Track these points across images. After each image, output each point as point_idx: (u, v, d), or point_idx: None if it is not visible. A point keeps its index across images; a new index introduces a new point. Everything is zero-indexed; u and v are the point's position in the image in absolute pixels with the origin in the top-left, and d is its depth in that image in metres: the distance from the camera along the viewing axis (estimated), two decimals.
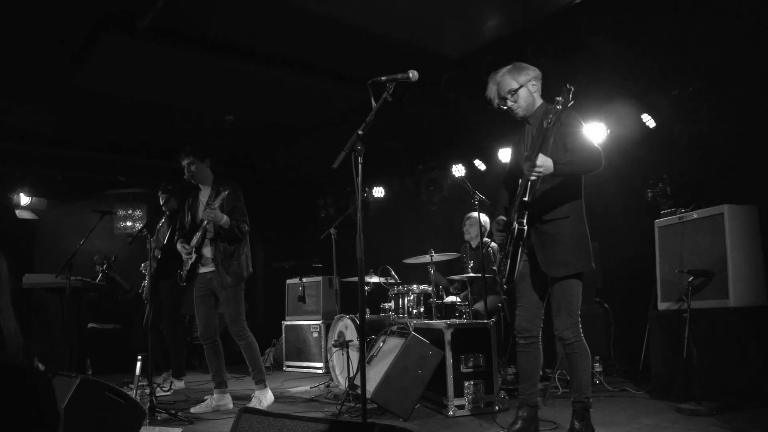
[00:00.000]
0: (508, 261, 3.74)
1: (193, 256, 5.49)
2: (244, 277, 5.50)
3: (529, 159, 3.44)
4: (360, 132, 3.22)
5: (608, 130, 6.61)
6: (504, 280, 3.80)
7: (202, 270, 5.53)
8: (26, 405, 1.86)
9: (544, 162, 3.42)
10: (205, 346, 5.56)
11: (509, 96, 3.79)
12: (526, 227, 3.63)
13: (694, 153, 5.97)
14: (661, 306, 5.39)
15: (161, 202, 7.19)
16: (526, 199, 3.57)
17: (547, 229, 3.71)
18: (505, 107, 3.85)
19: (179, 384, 7.01)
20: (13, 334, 2.00)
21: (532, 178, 3.47)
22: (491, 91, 3.88)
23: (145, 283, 6.22)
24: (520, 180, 3.66)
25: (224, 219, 5.33)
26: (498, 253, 4.00)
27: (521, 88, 3.78)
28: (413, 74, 3.42)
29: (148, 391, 4.96)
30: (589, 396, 3.74)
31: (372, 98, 3.35)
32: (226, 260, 5.41)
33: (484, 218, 6.52)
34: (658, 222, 5.54)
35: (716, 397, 4.52)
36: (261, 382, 5.50)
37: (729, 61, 5.66)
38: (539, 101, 3.86)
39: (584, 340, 3.74)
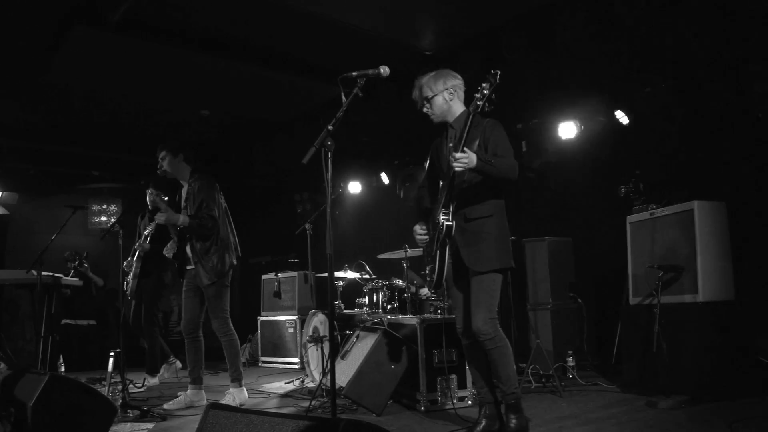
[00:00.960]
0: (436, 264, 3.81)
1: (170, 253, 5.47)
2: (224, 273, 5.40)
3: (454, 151, 3.54)
4: (330, 128, 3.22)
5: (582, 127, 6.66)
6: (433, 283, 3.84)
7: (189, 267, 5.51)
8: None
9: (469, 154, 3.49)
10: (186, 340, 5.52)
11: (425, 102, 3.95)
12: (453, 222, 3.70)
13: (665, 150, 6.04)
14: (633, 301, 5.45)
15: (149, 200, 7.05)
16: (450, 192, 3.69)
17: (471, 227, 3.76)
18: (423, 111, 4.01)
19: (153, 381, 6.97)
20: None
21: (457, 168, 3.51)
22: (415, 93, 4.03)
23: (129, 279, 6.18)
24: (440, 183, 3.79)
25: (180, 219, 5.30)
26: (426, 257, 4.05)
27: (435, 96, 3.91)
28: (384, 70, 3.42)
29: (120, 387, 4.93)
30: (519, 387, 3.80)
31: (342, 94, 3.35)
32: (203, 257, 5.37)
33: None
34: (630, 218, 5.60)
35: (685, 390, 4.59)
36: (237, 381, 5.47)
37: (700, 60, 5.72)
38: (460, 108, 3.97)
39: (502, 333, 3.74)
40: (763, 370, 4.78)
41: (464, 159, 3.47)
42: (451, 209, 3.71)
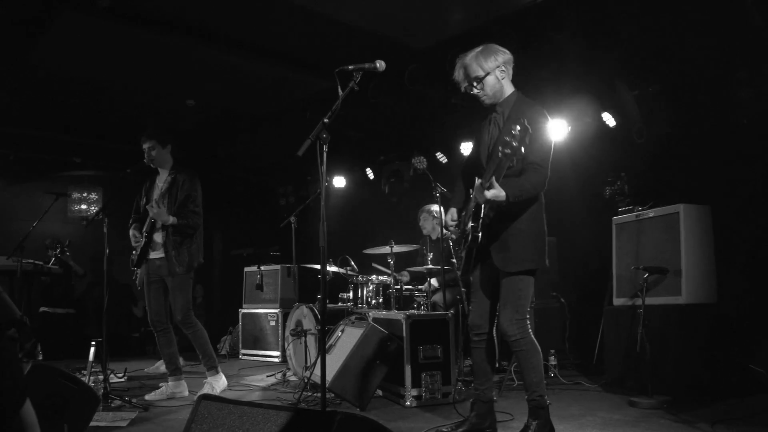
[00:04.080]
0: (463, 259, 3.75)
1: (143, 240, 5.41)
2: (194, 266, 5.40)
3: (485, 184, 3.34)
4: (326, 120, 3.20)
5: (569, 127, 6.69)
6: (460, 272, 3.82)
7: (152, 255, 5.44)
8: None
9: (497, 195, 3.32)
10: (156, 333, 5.48)
11: (475, 83, 3.64)
12: (480, 234, 3.58)
13: (652, 153, 6.09)
14: (617, 302, 5.50)
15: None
16: (480, 213, 3.55)
17: (502, 227, 3.61)
18: (472, 92, 3.69)
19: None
20: None
21: (480, 201, 3.43)
22: (459, 74, 3.71)
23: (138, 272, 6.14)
24: (476, 178, 3.51)
25: (171, 220, 5.28)
26: (455, 246, 3.97)
27: (487, 75, 3.62)
28: (380, 64, 3.41)
29: (101, 377, 4.88)
30: (543, 394, 3.59)
31: (339, 87, 3.33)
32: (177, 248, 5.34)
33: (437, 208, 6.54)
34: (616, 219, 5.65)
35: (667, 390, 4.64)
36: (213, 369, 5.45)
37: (687, 65, 5.77)
38: (509, 89, 3.72)
39: (532, 337, 3.62)
40: (743, 371, 4.85)
41: (486, 197, 3.32)
42: (481, 217, 3.56)
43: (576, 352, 6.59)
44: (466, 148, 7.86)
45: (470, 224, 3.64)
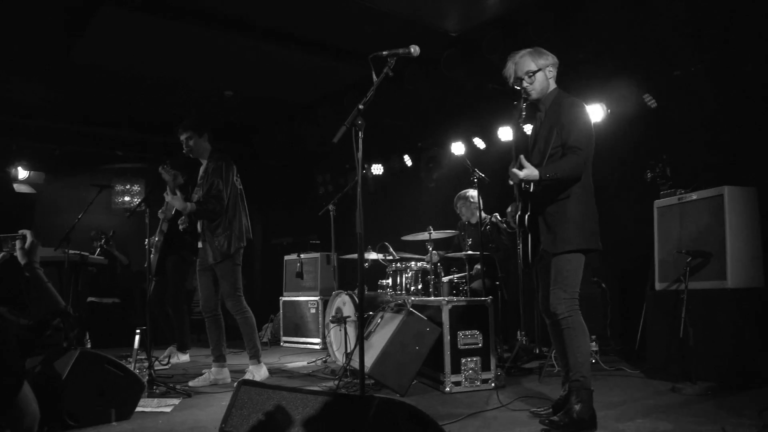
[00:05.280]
0: (521, 246, 3.94)
1: (183, 226, 5.54)
2: (230, 253, 5.41)
3: (516, 165, 3.67)
4: (361, 106, 3.19)
5: (608, 110, 6.58)
6: (526, 263, 3.97)
7: (200, 245, 5.56)
8: None
9: (528, 174, 3.61)
10: (206, 319, 5.59)
11: (526, 77, 3.89)
12: (528, 214, 3.82)
13: (694, 134, 5.95)
14: (659, 286, 5.40)
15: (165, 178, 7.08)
16: (528, 188, 3.75)
17: (551, 210, 3.80)
18: (518, 87, 3.93)
19: (184, 357, 7.04)
20: None
21: (512, 183, 3.77)
22: (509, 69, 3.96)
23: (150, 257, 6.22)
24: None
25: (188, 207, 5.34)
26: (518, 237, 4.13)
27: (539, 71, 3.89)
28: (415, 49, 3.38)
29: (146, 364, 4.98)
30: (587, 376, 3.66)
31: (373, 73, 3.32)
32: (211, 236, 5.43)
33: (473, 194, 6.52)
34: (657, 203, 5.54)
35: (711, 377, 4.56)
36: (255, 358, 5.52)
37: (731, 43, 5.62)
38: (553, 86, 3.97)
39: (580, 318, 3.74)
40: None
41: (519, 177, 3.61)
42: (530, 205, 3.83)
43: (617, 338, 6.51)
44: (504, 133, 7.80)
45: (518, 213, 3.88)
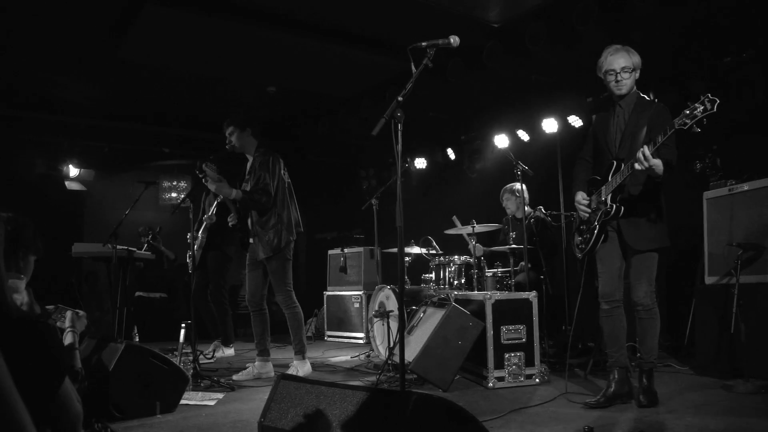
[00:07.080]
0: (593, 234, 4.07)
1: (232, 222, 5.58)
2: (280, 248, 5.42)
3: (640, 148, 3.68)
4: (399, 99, 3.16)
5: (656, 99, 6.41)
6: (584, 250, 4.15)
7: (251, 240, 5.60)
8: (35, 354, 1.89)
9: (658, 164, 3.66)
10: (251, 313, 5.65)
11: (627, 73, 3.99)
12: (618, 206, 3.94)
13: (745, 123, 5.77)
14: (708, 280, 5.25)
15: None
16: (623, 182, 3.90)
17: (636, 208, 3.95)
18: (609, 79, 4.03)
19: (229, 351, 7.12)
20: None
21: (637, 167, 3.68)
22: (605, 59, 4.04)
23: (191, 252, 6.32)
24: (613, 162, 4.00)
25: (233, 193, 5.36)
26: (579, 225, 4.31)
27: (635, 70, 4.02)
28: (454, 40, 3.34)
29: (191, 357, 5.05)
30: (656, 359, 4.05)
31: (412, 64, 3.29)
32: (260, 231, 5.46)
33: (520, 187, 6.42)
34: (707, 194, 5.38)
35: (764, 374, 4.40)
36: (300, 353, 5.54)
37: None
38: (634, 89, 4.09)
39: (657, 308, 4.00)
40: None
41: (647, 165, 3.63)
42: (620, 195, 3.96)
43: (666, 333, 6.34)
44: (548, 125, 7.69)
45: (608, 202, 3.97)
